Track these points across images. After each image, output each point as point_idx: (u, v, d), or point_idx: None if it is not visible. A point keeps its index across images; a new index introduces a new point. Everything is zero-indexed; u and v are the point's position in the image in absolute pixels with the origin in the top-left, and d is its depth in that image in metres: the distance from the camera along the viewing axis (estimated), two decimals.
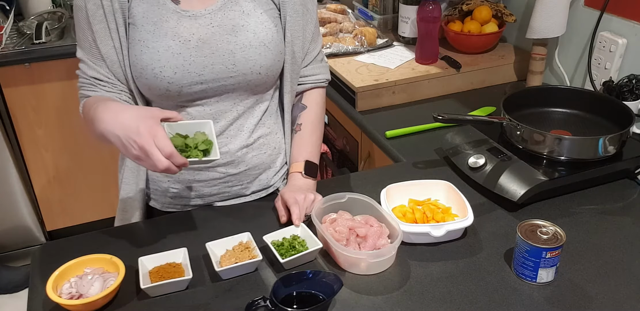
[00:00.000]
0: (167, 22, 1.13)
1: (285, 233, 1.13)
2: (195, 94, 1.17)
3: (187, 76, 1.14)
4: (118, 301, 1.02)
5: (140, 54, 1.12)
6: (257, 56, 1.17)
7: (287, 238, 1.12)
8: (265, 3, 1.20)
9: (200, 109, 1.19)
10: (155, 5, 1.14)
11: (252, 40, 1.16)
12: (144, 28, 1.13)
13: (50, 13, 2.44)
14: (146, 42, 1.12)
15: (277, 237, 1.12)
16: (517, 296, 1.02)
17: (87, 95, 1.18)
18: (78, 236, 1.21)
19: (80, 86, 1.19)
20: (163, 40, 1.12)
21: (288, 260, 1.06)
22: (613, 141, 1.26)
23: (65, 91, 2.27)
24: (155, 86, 1.14)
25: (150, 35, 1.12)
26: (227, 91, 1.19)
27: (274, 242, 1.11)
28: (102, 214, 2.57)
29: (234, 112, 1.21)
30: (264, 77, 1.20)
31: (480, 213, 1.23)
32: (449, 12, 1.95)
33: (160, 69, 1.12)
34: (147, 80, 1.13)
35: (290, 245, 1.09)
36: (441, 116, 1.29)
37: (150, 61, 1.12)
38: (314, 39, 1.29)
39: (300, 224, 1.14)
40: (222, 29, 1.15)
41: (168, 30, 1.13)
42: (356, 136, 1.80)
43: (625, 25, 1.52)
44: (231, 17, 1.16)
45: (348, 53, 1.91)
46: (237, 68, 1.16)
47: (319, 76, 1.33)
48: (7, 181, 2.34)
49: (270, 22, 1.19)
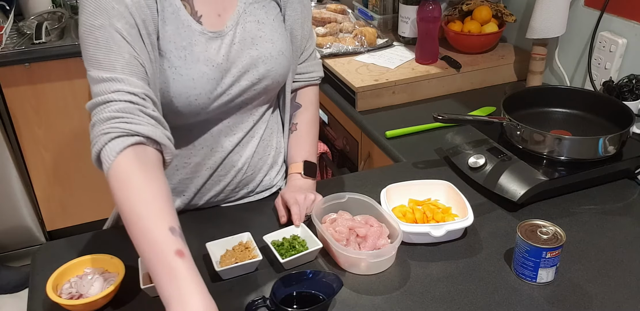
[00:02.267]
0: (197, 46, 1.06)
1: (285, 233, 1.13)
2: (217, 110, 1.13)
3: (218, 99, 1.11)
4: (118, 301, 1.02)
5: (173, 82, 1.04)
6: (278, 66, 1.16)
7: (287, 238, 1.12)
8: (273, 8, 1.17)
9: (217, 122, 1.16)
10: (181, 28, 1.04)
11: (272, 51, 1.14)
12: (172, 54, 1.03)
13: (50, 13, 2.44)
14: (178, 69, 1.04)
15: (277, 237, 1.12)
16: (517, 296, 1.02)
17: (129, 131, 0.88)
18: (78, 236, 1.21)
19: (111, 117, 0.89)
20: (196, 66, 1.05)
21: (288, 260, 1.06)
22: (613, 141, 1.26)
23: (65, 91, 2.27)
24: (187, 112, 1.08)
25: (182, 61, 1.04)
26: (247, 103, 1.17)
27: (274, 242, 1.11)
28: (102, 214, 2.56)
29: (250, 122, 1.20)
30: (281, 84, 1.20)
31: (480, 213, 1.23)
32: (449, 12, 1.95)
33: (195, 97, 1.07)
34: (178, 107, 1.07)
35: (290, 245, 1.09)
36: (441, 116, 1.29)
37: (185, 89, 1.05)
38: (310, 35, 1.29)
39: (300, 224, 1.14)
40: (243, 45, 1.12)
41: (199, 55, 1.06)
42: (356, 136, 1.80)
43: (625, 25, 1.52)
44: (249, 30, 1.12)
45: (348, 53, 1.91)
46: (260, 81, 1.15)
47: (312, 73, 1.33)
48: (7, 181, 2.34)
49: (282, 28, 1.18)
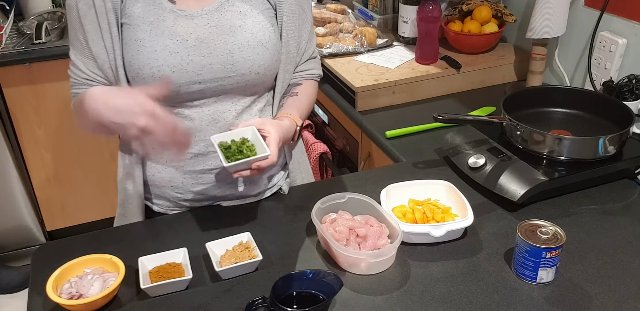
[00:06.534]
0: (164, 21, 1.13)
1: (235, 135, 1.10)
2: (193, 94, 1.16)
3: (185, 76, 1.13)
4: (118, 301, 1.03)
5: (137, 54, 1.12)
6: (256, 56, 1.17)
7: (236, 141, 1.09)
8: (261, 3, 1.20)
9: (198, 110, 1.18)
10: (151, 5, 1.13)
11: (250, 40, 1.16)
12: (140, 28, 1.12)
13: (50, 13, 2.44)
14: (143, 42, 1.11)
15: (226, 139, 1.09)
16: (517, 296, 1.02)
17: (78, 93, 1.17)
18: (78, 236, 1.21)
19: (72, 85, 1.19)
20: (160, 39, 1.12)
21: (232, 164, 1.03)
22: (613, 141, 1.26)
23: (65, 91, 2.26)
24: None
25: (147, 34, 1.12)
26: (225, 91, 1.18)
27: (221, 144, 1.08)
28: (102, 214, 2.57)
29: (232, 112, 1.21)
30: (262, 77, 1.20)
31: (480, 213, 1.23)
32: (449, 12, 1.95)
33: (157, 68, 1.12)
34: (145, 80, 1.13)
35: (238, 149, 1.07)
36: (441, 116, 1.29)
37: (148, 60, 1.11)
38: (310, 38, 1.30)
39: (252, 128, 1.11)
40: (220, 29, 1.15)
41: (165, 29, 1.12)
42: (356, 136, 1.80)
43: (625, 25, 1.52)
44: (228, 18, 1.16)
45: (348, 53, 1.91)
46: (235, 68, 1.16)
47: (312, 70, 1.34)
48: (7, 181, 2.34)
49: (267, 22, 1.19)
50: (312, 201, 1.17)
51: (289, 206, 1.28)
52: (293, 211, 1.26)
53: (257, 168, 1.07)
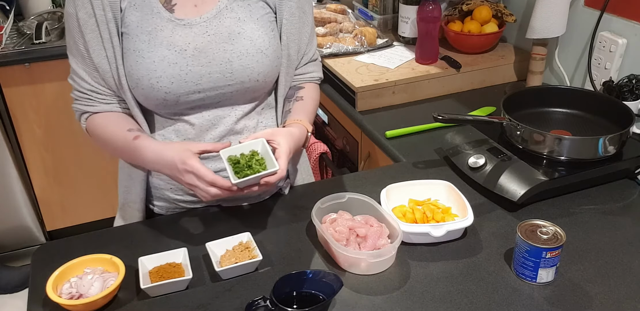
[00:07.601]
0: (162, 31, 1.11)
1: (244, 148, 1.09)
2: (193, 103, 1.16)
3: (184, 86, 1.12)
4: (118, 301, 1.03)
5: (136, 65, 1.11)
6: (255, 64, 1.16)
7: (245, 155, 1.08)
8: (261, 8, 1.18)
9: (198, 116, 1.18)
10: (149, 14, 1.11)
11: (249, 48, 1.15)
12: (138, 38, 1.11)
13: (50, 13, 2.44)
14: (141, 53, 1.11)
15: (236, 152, 1.08)
16: (517, 296, 1.02)
17: (85, 110, 1.17)
18: (78, 236, 1.21)
19: (75, 98, 1.18)
20: (158, 49, 1.11)
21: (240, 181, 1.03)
22: (613, 141, 1.26)
23: (65, 91, 2.26)
24: (153, 96, 1.13)
25: (145, 45, 1.11)
26: (225, 98, 1.18)
27: (230, 158, 1.07)
28: (102, 214, 2.57)
29: (233, 117, 1.21)
30: (262, 84, 1.19)
31: (480, 213, 1.23)
32: (449, 12, 1.95)
33: (156, 79, 1.11)
34: (144, 90, 1.12)
35: (247, 164, 1.06)
36: (441, 116, 1.29)
37: (147, 71, 1.10)
38: (310, 41, 1.29)
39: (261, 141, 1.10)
40: (218, 37, 1.14)
41: (163, 39, 1.11)
42: (356, 136, 1.80)
43: (625, 25, 1.52)
44: (227, 25, 1.15)
45: (348, 53, 1.91)
46: (234, 76, 1.15)
47: (313, 73, 1.33)
48: (7, 181, 2.34)
49: (267, 28, 1.18)
50: (312, 201, 1.17)
51: (289, 206, 1.28)
52: (293, 211, 1.26)
53: (265, 183, 1.07)
